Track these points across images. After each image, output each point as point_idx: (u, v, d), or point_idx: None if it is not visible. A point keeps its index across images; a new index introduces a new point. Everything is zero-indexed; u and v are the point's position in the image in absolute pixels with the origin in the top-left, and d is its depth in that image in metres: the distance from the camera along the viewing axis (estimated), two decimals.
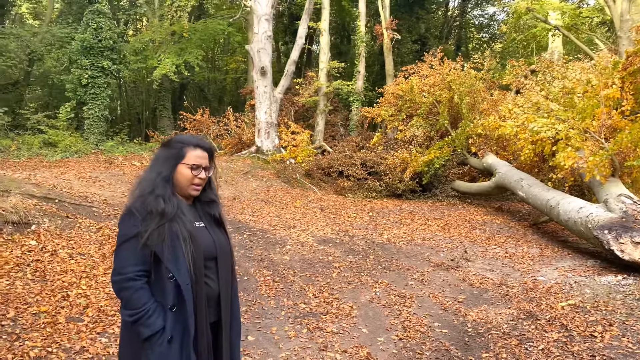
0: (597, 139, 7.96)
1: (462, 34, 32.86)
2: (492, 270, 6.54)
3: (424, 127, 14.26)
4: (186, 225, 1.91)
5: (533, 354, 3.82)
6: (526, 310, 4.78)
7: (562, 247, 7.90)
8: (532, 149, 8.97)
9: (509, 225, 9.81)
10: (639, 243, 5.73)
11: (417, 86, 13.43)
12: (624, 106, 8.13)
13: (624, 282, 5.56)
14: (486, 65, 13.24)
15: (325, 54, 17.45)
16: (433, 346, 4.05)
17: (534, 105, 8.90)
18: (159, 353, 1.80)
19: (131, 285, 1.83)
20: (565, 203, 7.66)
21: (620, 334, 4.03)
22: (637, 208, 6.41)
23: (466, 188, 12.87)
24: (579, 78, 9.10)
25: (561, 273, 6.26)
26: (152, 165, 2.02)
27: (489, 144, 12.21)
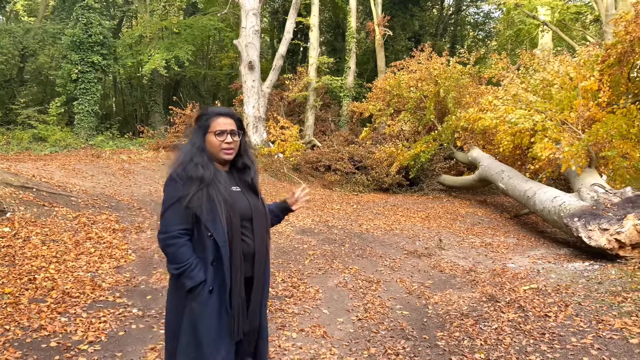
0: (574, 130, 8.02)
1: (457, 31, 32.86)
2: (464, 258, 6.60)
3: (411, 121, 14.32)
4: (221, 190, 2.10)
5: (486, 332, 3.88)
6: (488, 294, 4.84)
7: (539, 237, 7.97)
8: (511, 140, 9.04)
9: (490, 217, 9.88)
10: (605, 230, 5.79)
11: (405, 81, 13.48)
12: (601, 98, 8.19)
13: (590, 267, 5.63)
14: (472, 60, 13.28)
15: (315, 49, 17.49)
16: (390, 326, 4.11)
17: (513, 97, 8.96)
18: (201, 302, 2.02)
19: (175, 242, 2.05)
20: (541, 193, 7.72)
21: (574, 314, 4.09)
22: (608, 197, 6.47)
23: (452, 182, 12.94)
24: (557, 70, 9.15)
25: (532, 260, 6.33)
26: (188, 140, 2.24)
27: (475, 138, 12.27)
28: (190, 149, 2.16)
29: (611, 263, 5.66)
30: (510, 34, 21.09)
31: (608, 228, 5.78)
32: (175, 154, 2.22)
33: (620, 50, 8.01)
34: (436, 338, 3.84)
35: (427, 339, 3.83)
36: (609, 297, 4.42)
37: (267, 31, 27.19)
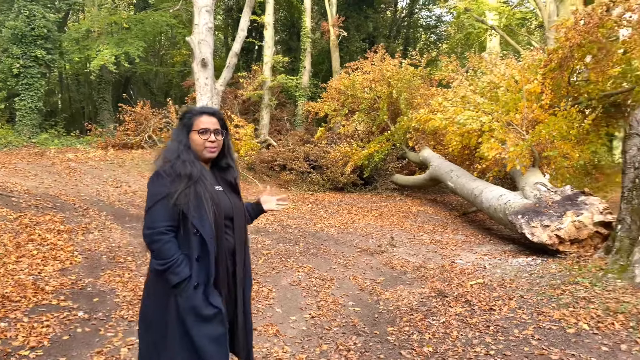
0: (519, 131, 8.36)
1: (410, 34, 33.53)
2: (415, 255, 6.77)
3: (365, 122, 14.52)
4: (208, 187, 2.15)
5: (434, 326, 4.00)
6: (437, 289, 4.99)
7: (486, 234, 8.27)
8: (460, 140, 9.33)
9: (440, 215, 10.16)
10: (547, 226, 6.08)
11: (359, 82, 13.65)
12: (544, 100, 8.59)
13: (532, 262, 5.90)
14: (423, 62, 13.61)
15: (269, 48, 17.43)
16: (342, 322, 4.17)
17: (462, 99, 9.25)
18: (187, 297, 2.05)
19: (161, 238, 2.06)
20: (487, 191, 8.02)
21: (517, 307, 4.28)
22: (549, 195, 6.80)
23: (404, 181, 13.22)
24: (503, 73, 9.53)
25: (479, 256, 6.57)
26: (173, 137, 2.26)
27: (426, 139, 12.58)
28: (176, 146, 2.19)
29: (552, 258, 5.95)
30: (460, 37, 21.76)
31: (549, 224, 6.07)
32: (159, 152, 2.25)
33: (561, 56, 8.43)
34: (387, 333, 3.93)
35: (378, 334, 3.91)
36: (549, 290, 4.65)
37: (221, 29, 26.83)
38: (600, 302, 4.17)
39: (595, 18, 7.90)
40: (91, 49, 17.95)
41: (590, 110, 8.91)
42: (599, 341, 3.52)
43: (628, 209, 5.22)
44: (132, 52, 17.47)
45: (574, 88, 9.25)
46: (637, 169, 5.18)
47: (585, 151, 8.63)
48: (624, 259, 4.96)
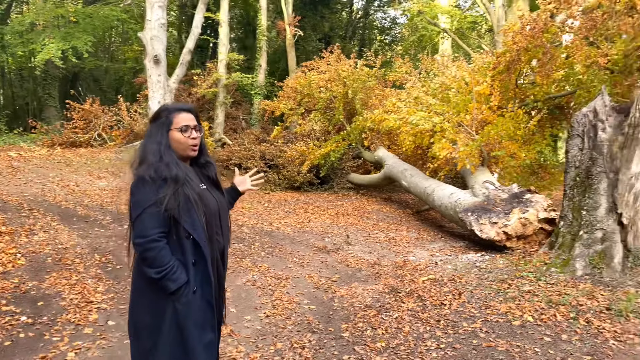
0: (469, 131, 8.63)
1: (365, 35, 33.96)
2: (370, 253, 6.87)
3: (322, 121, 14.59)
4: (195, 189, 2.08)
5: (387, 321, 4.08)
6: (391, 285, 5.08)
7: (438, 232, 8.49)
8: (413, 140, 9.53)
9: (394, 214, 10.35)
10: (495, 223, 6.31)
11: (315, 81, 13.70)
12: (492, 102, 8.89)
13: (481, 258, 6.11)
14: (378, 63, 13.81)
15: (224, 46, 17.22)
16: (297, 320, 4.18)
17: (415, 100, 9.46)
18: (185, 303, 2.00)
19: (155, 245, 1.97)
20: (439, 190, 8.23)
21: (467, 301, 4.43)
22: (497, 193, 7.06)
23: (360, 180, 13.38)
24: (454, 75, 9.81)
25: (431, 253, 6.74)
26: (149, 138, 2.13)
27: (380, 138, 12.77)
28: (157, 147, 2.07)
29: (500, 253, 6.18)
30: (414, 39, 22.22)
31: (497, 221, 6.30)
32: (136, 155, 2.12)
33: (508, 59, 8.74)
34: (341, 330, 3.97)
35: (333, 331, 3.95)
36: (496, 284, 4.83)
37: (175, 25, 26.27)
38: (543, 295, 4.37)
39: (540, 23, 8.24)
40: (36, 43, 17.16)
41: (535, 111, 9.30)
42: (542, 332, 3.69)
43: (570, 206, 5.49)
44: (80, 46, 16.83)
45: (521, 90, 9.63)
46: (577, 168, 5.46)
47: (531, 151, 8.98)
48: (566, 254, 5.22)
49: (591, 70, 8.17)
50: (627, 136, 5.04)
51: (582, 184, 5.34)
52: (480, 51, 13.80)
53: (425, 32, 20.94)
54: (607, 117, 5.29)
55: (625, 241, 4.93)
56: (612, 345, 3.43)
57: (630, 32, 7.66)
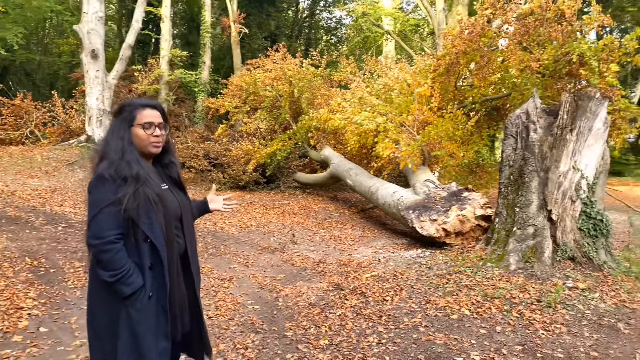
0: (411, 131, 8.86)
1: (311, 34, 34.07)
2: (315, 251, 6.90)
3: (267, 120, 14.51)
4: (155, 189, 1.99)
5: (330, 319, 4.11)
6: (335, 283, 5.13)
7: (381, 229, 8.66)
8: (358, 140, 9.67)
9: (339, 212, 10.46)
10: (435, 220, 6.51)
11: (261, 80, 13.60)
12: (433, 103, 9.17)
13: (422, 254, 6.28)
14: (323, 63, 13.90)
15: (166, 41, 16.77)
16: (240, 321, 4.14)
17: (359, 100, 9.60)
18: (140, 308, 1.92)
19: (111, 247, 1.89)
20: (383, 189, 8.40)
21: (408, 297, 4.54)
22: (437, 191, 7.29)
23: (306, 179, 13.42)
24: (397, 77, 10.03)
25: (374, 250, 6.86)
26: (111, 134, 2.05)
27: (326, 138, 12.87)
28: (119, 144, 1.98)
29: (439, 249, 6.39)
30: (358, 40, 22.54)
31: (437, 219, 6.51)
32: (97, 151, 2.05)
33: (448, 62, 9.05)
34: (285, 329, 3.97)
35: (277, 330, 3.94)
36: (436, 279, 4.98)
37: (114, 19, 25.32)
38: (480, 289, 4.56)
39: (478, 28, 8.59)
40: None
41: (473, 113, 9.68)
42: (478, 325, 3.84)
43: (504, 204, 5.75)
44: (10, 38, 15.84)
45: (460, 92, 10.00)
46: (511, 167, 5.73)
47: (469, 151, 9.35)
48: (501, 249, 5.46)
49: (525, 73, 8.59)
50: (556, 137, 5.34)
51: (516, 182, 5.61)
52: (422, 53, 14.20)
53: (369, 33, 21.31)
54: (538, 118, 5.58)
55: (555, 236, 5.22)
56: (541, 335, 3.62)
57: (559, 38, 8.13)
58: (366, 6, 16.52)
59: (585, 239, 5.15)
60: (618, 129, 8.21)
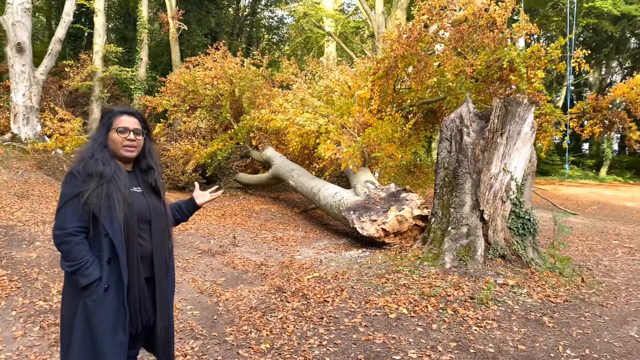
0: (352, 133, 8.99)
1: (252, 33, 33.76)
2: (257, 253, 6.85)
3: (208, 119, 14.23)
4: (121, 188, 2.10)
5: (272, 322, 4.10)
6: (276, 286, 5.12)
7: (323, 230, 8.73)
8: (300, 141, 9.70)
9: (282, 213, 10.45)
10: (374, 220, 6.65)
11: (200, 78, 13.32)
12: (373, 106, 9.35)
13: (363, 254, 6.40)
14: (265, 62, 13.82)
15: (100, 36, 16.04)
16: (179, 328, 4.04)
17: (301, 101, 9.63)
18: (96, 300, 2.02)
19: (71, 239, 2.03)
20: (324, 189, 8.47)
21: (348, 297, 4.61)
22: (377, 192, 7.44)
23: (248, 179, 13.28)
24: (338, 79, 10.15)
25: (316, 251, 6.91)
26: (91, 138, 2.26)
27: (268, 138, 12.80)
28: (91, 145, 2.19)
29: (379, 249, 6.53)
30: (300, 40, 22.60)
31: (376, 219, 6.65)
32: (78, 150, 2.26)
33: (387, 65, 9.26)
34: (225, 334, 3.92)
35: (217, 335, 3.88)
36: (375, 279, 5.09)
37: (43, 10, 23.88)
38: (417, 287, 4.70)
39: (415, 33, 8.84)
40: None
41: (411, 115, 9.96)
42: (415, 323, 3.97)
43: (440, 204, 5.96)
44: None
45: (398, 95, 10.26)
46: (446, 169, 5.95)
47: (407, 152, 9.61)
48: (437, 248, 5.66)
49: (459, 78, 8.94)
50: (488, 141, 5.60)
51: (450, 183, 5.83)
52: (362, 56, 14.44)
53: (311, 34, 21.41)
54: (471, 122, 5.83)
55: (487, 235, 5.48)
56: (474, 331, 3.79)
57: (491, 45, 8.53)
58: (307, 7, 16.59)
59: (514, 238, 5.44)
60: (544, 132, 8.73)
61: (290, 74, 12.19)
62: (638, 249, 7.42)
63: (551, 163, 24.90)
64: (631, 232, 9.14)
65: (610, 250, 7.28)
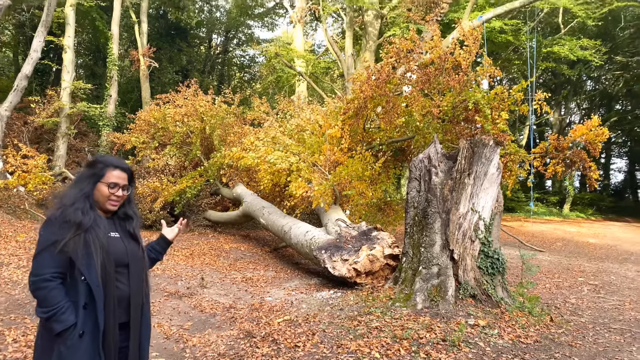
0: (323, 171, 9.04)
1: (224, 71, 34.09)
2: (226, 295, 6.68)
3: (177, 156, 14.10)
4: (99, 235, 2.11)
5: None
6: (246, 330, 4.98)
7: (294, 269, 8.62)
8: (271, 178, 9.68)
9: (252, 252, 10.29)
10: (346, 260, 6.61)
11: (171, 115, 13.27)
12: (343, 144, 9.46)
13: (334, 295, 6.32)
14: (236, 100, 13.90)
15: (69, 73, 15.87)
16: None
17: (272, 139, 9.67)
18: (70, 346, 1.99)
19: (46, 285, 2.01)
20: (295, 228, 8.41)
21: (320, 342, 4.51)
22: (348, 230, 7.43)
23: (217, 217, 13.10)
24: (309, 118, 10.27)
25: (287, 292, 6.79)
26: (76, 181, 2.23)
27: (239, 175, 12.73)
28: (75, 194, 2.16)
29: (351, 290, 6.46)
30: (272, 79, 22.91)
31: (348, 258, 6.61)
32: (57, 195, 2.21)
33: (357, 105, 9.44)
34: None
35: None
36: (347, 322, 5.01)
37: (11, 45, 23.58)
38: (389, 330, 4.65)
39: (384, 75, 9.08)
40: None
41: (381, 154, 10.11)
42: None
43: (410, 243, 5.99)
44: None
45: (368, 134, 10.42)
46: (416, 208, 6.00)
47: (377, 190, 9.70)
48: (408, 288, 5.65)
49: (426, 118, 9.17)
50: (456, 181, 5.70)
51: (420, 223, 5.88)
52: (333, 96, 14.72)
53: (282, 73, 21.74)
54: (439, 163, 5.95)
55: (457, 275, 5.50)
56: None
57: (457, 87, 8.82)
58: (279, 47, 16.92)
59: (484, 277, 5.48)
60: (510, 171, 8.96)
61: (261, 112, 12.28)
62: (603, 286, 7.58)
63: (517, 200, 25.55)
64: (595, 269, 9.36)
65: (576, 287, 7.41)
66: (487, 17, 14.78)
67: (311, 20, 24.40)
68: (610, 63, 27.71)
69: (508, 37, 19.03)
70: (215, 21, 31.79)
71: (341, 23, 23.01)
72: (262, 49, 20.15)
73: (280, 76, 22.18)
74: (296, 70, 17.58)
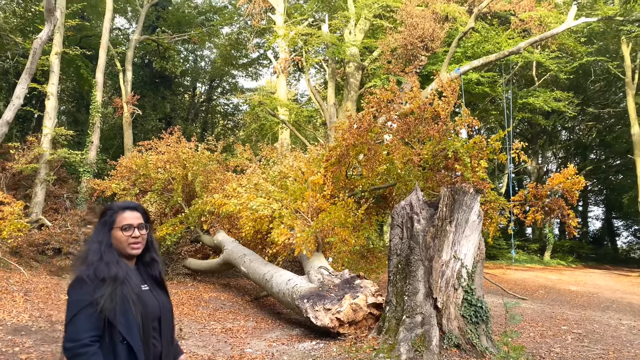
0: (305, 218, 9.01)
1: (208, 118, 34.42)
2: (204, 347, 6.46)
3: (158, 203, 13.93)
4: (134, 289, 2.02)
5: None
6: None
7: (275, 319, 8.42)
8: (253, 225, 9.60)
9: (232, 301, 10.05)
10: (329, 309, 6.49)
11: (153, 162, 13.23)
12: (326, 191, 9.50)
13: (316, 346, 6.16)
14: (219, 148, 13.96)
15: (51, 119, 15.79)
16: None
17: (255, 186, 9.67)
18: None
19: (86, 350, 1.87)
20: (277, 276, 8.28)
21: None
22: (331, 278, 7.34)
23: (197, 265, 12.84)
24: (292, 165, 10.34)
25: (268, 343, 6.59)
26: (93, 236, 2.13)
27: (221, 222, 12.60)
28: (97, 246, 2.06)
29: (334, 340, 6.31)
30: (255, 127, 23.19)
31: (330, 308, 6.49)
32: (78, 253, 2.12)
33: (339, 153, 9.57)
34: None
35: None
36: None
37: None
38: None
39: (365, 124, 9.27)
40: None
41: (363, 200, 10.16)
42: None
43: (394, 291, 5.93)
44: None
45: (350, 181, 10.51)
46: (399, 256, 5.99)
47: (360, 237, 9.67)
48: (392, 338, 5.54)
49: (407, 166, 9.31)
50: (438, 228, 5.73)
51: (403, 270, 5.85)
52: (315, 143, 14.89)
53: (266, 121, 22.04)
54: (421, 210, 5.99)
55: (441, 324, 5.43)
56: None
57: (436, 136, 9.02)
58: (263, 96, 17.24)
59: (468, 326, 5.42)
60: (490, 219, 9.06)
61: (244, 159, 12.34)
62: (586, 334, 7.54)
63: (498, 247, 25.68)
64: (578, 317, 9.34)
65: (560, 336, 7.36)
66: (464, 69, 15.35)
67: (294, 71, 25.02)
68: (583, 114, 28.78)
69: (485, 89, 19.72)
70: (199, 70, 32.39)
71: (324, 74, 23.66)
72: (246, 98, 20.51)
73: (264, 124, 22.48)
74: (279, 119, 17.85)
